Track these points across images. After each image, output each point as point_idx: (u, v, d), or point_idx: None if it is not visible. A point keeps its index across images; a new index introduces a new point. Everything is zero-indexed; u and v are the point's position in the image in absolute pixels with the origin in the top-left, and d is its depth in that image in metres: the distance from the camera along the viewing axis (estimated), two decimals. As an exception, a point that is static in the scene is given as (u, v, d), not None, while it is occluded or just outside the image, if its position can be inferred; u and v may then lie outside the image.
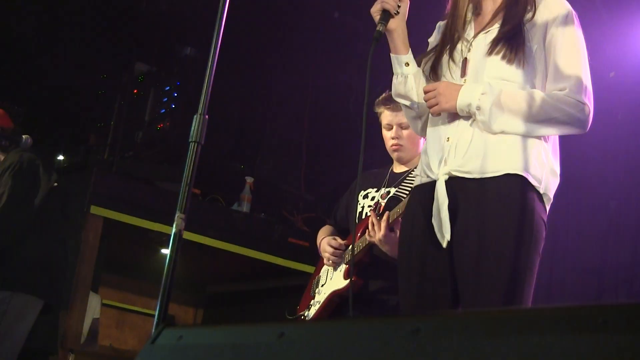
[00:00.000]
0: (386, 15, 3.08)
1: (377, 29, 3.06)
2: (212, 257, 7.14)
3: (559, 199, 3.04)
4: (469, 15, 3.14)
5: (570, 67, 2.90)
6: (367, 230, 4.15)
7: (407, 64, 3.16)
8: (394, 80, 3.22)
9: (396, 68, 3.19)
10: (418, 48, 3.29)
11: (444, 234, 2.88)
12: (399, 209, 3.93)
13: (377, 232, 3.96)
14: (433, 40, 3.27)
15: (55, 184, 4.83)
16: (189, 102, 6.76)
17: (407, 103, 3.21)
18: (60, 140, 7.22)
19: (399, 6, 3.09)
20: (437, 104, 2.98)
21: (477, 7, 3.14)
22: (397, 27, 3.12)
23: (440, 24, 3.26)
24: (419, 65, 3.20)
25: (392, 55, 3.18)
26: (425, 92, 3.03)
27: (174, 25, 7.21)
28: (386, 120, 4.35)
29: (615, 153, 6.63)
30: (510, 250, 2.78)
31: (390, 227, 3.97)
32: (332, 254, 4.36)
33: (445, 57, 3.10)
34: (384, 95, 4.34)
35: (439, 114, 3.02)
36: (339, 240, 4.38)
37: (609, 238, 6.46)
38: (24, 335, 4.67)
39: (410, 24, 3.18)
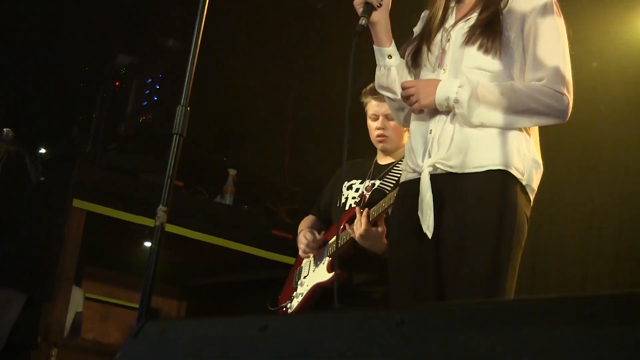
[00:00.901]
0: (369, 7, 3.08)
1: (360, 22, 3.06)
2: (196, 249, 7.12)
3: (541, 191, 3.04)
4: (452, 3, 3.14)
5: (548, 57, 2.90)
6: (351, 222, 4.14)
7: (389, 56, 3.17)
8: (377, 72, 3.23)
9: (379, 60, 3.19)
10: (403, 39, 3.29)
11: (428, 225, 2.88)
12: (384, 203, 3.92)
13: (358, 228, 3.95)
14: (417, 29, 3.27)
15: (42, 178, 4.81)
16: (171, 94, 6.74)
17: (390, 95, 3.22)
18: (42, 133, 7.18)
19: None
20: (416, 101, 2.98)
21: None
22: (380, 19, 3.12)
23: (425, 14, 3.26)
24: (402, 56, 3.20)
25: (375, 47, 3.19)
26: (404, 89, 3.03)
27: (156, 17, 7.18)
28: (372, 111, 4.34)
29: (598, 144, 6.64)
30: (492, 245, 2.80)
31: (372, 223, 3.97)
32: (307, 246, 4.35)
33: (425, 47, 3.10)
34: (371, 85, 4.33)
35: (422, 111, 3.02)
36: (315, 234, 4.38)
37: (592, 229, 6.47)
38: (7, 330, 4.64)
39: (396, 14, 3.17)
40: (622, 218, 6.37)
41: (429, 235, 2.88)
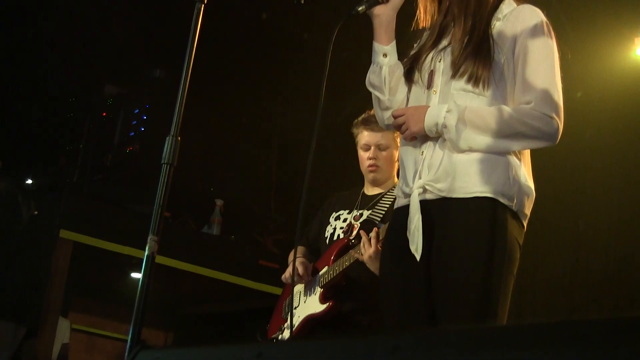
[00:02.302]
0: None
1: (357, 7, 3.05)
2: (182, 279, 7.10)
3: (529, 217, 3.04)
4: (450, 24, 3.12)
5: (537, 79, 2.88)
6: (343, 252, 4.14)
7: (384, 55, 3.15)
8: (370, 68, 3.20)
9: (374, 56, 3.17)
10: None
11: (417, 247, 2.88)
12: (386, 228, 3.93)
13: (368, 249, 3.94)
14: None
15: (36, 212, 4.80)
16: (158, 124, 6.74)
17: (378, 94, 3.20)
18: (29, 163, 7.17)
19: None
20: (407, 129, 2.99)
21: (452, 20, 3.13)
22: (383, 14, 3.11)
23: (426, 32, 3.25)
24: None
25: (373, 43, 3.17)
26: (395, 117, 3.04)
27: (143, 48, 7.19)
28: (364, 140, 4.35)
29: (584, 172, 6.68)
30: (482, 272, 2.78)
31: (380, 244, 3.97)
32: (301, 276, 4.35)
33: (417, 68, 3.10)
34: (363, 115, 4.35)
35: (414, 138, 3.03)
36: (309, 269, 4.38)
37: (579, 256, 6.50)
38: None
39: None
40: (609, 244, 6.40)
41: (417, 257, 2.87)
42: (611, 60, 6.45)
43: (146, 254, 2.55)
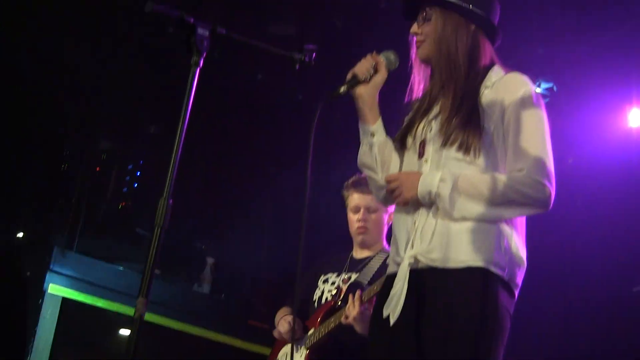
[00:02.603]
0: (354, 80, 3.09)
1: (339, 88, 3.08)
2: (172, 338, 7.05)
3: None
4: (439, 95, 3.15)
5: (528, 147, 2.90)
6: (329, 314, 4.14)
7: (372, 135, 3.17)
8: (360, 149, 3.23)
9: (362, 137, 3.20)
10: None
11: (393, 313, 2.88)
12: (374, 287, 3.93)
13: (352, 311, 3.95)
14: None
15: (28, 274, 4.78)
16: (152, 181, 6.75)
17: (371, 173, 3.22)
18: (20, 217, 7.15)
19: (371, 75, 3.11)
20: (400, 194, 2.99)
21: (439, 91, 3.16)
22: (364, 95, 3.13)
23: (417, 102, 3.28)
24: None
25: (359, 124, 3.19)
26: (388, 182, 3.05)
27: (139, 103, 7.23)
28: (354, 203, 4.38)
29: (575, 240, 6.69)
30: (471, 343, 2.77)
31: (364, 306, 3.97)
32: (287, 331, 4.34)
33: (410, 136, 3.12)
34: (353, 178, 4.38)
35: (406, 204, 3.04)
36: (300, 325, 4.37)
37: (569, 325, 6.50)
38: None
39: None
40: (600, 311, 6.41)
41: (392, 320, 2.87)
42: (603, 129, 6.50)
43: (134, 316, 2.54)
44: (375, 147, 3.16)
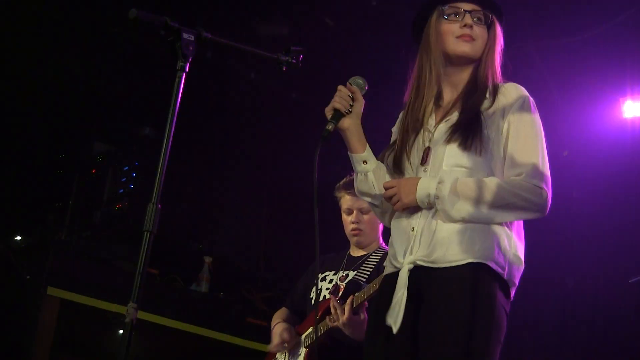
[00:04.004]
0: (338, 114, 3.11)
1: (327, 127, 3.09)
2: (170, 337, 7.06)
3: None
4: (431, 105, 3.18)
5: (526, 153, 2.95)
6: (327, 313, 4.14)
7: (365, 162, 3.19)
8: (355, 179, 3.25)
9: (354, 166, 3.22)
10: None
11: (395, 321, 2.89)
12: (364, 293, 3.94)
13: (341, 316, 3.95)
14: (396, 129, 3.31)
15: (28, 277, 4.80)
16: (147, 182, 6.74)
17: (371, 200, 3.24)
18: (17, 220, 7.16)
19: (351, 105, 3.13)
20: (398, 200, 3.01)
21: (439, 98, 3.19)
22: (350, 126, 3.15)
23: (401, 115, 3.29)
24: (382, 159, 3.23)
25: (349, 154, 3.21)
26: (386, 189, 3.06)
27: (134, 105, 7.23)
28: (346, 205, 4.39)
29: (571, 231, 6.70)
30: (470, 340, 2.78)
31: (354, 311, 3.98)
32: (278, 345, 4.36)
33: (407, 148, 3.13)
34: (345, 180, 4.38)
35: (405, 209, 3.05)
36: (292, 333, 4.38)
37: (566, 320, 6.51)
38: None
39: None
40: (597, 304, 6.41)
41: (394, 329, 2.88)
42: (597, 121, 6.52)
43: (125, 321, 2.55)
44: (371, 174, 3.18)
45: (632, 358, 6.02)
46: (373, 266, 4.27)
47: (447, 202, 2.90)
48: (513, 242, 2.97)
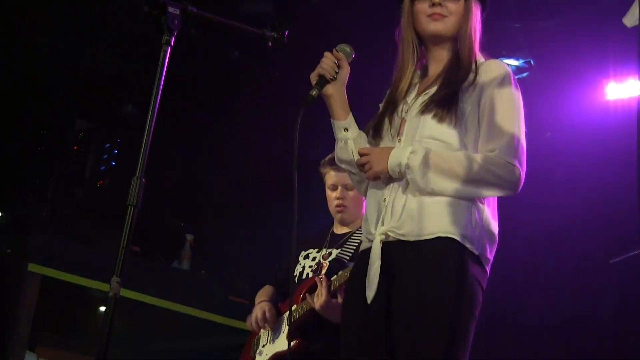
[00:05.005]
0: (322, 80, 3.10)
1: (310, 92, 3.08)
2: (152, 314, 7.07)
3: (497, 259, 3.05)
4: (416, 79, 3.18)
5: (501, 128, 2.92)
6: (312, 291, 4.14)
7: (346, 129, 3.18)
8: (336, 146, 3.24)
9: (336, 133, 3.20)
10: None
11: (370, 291, 2.89)
12: (345, 274, 3.93)
13: (319, 298, 3.95)
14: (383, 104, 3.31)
15: (9, 251, 4.78)
16: (129, 159, 6.72)
17: (350, 168, 3.23)
18: (-1, 197, 7.14)
19: (336, 72, 3.13)
20: (370, 168, 3.01)
21: (423, 72, 3.20)
22: (334, 93, 3.14)
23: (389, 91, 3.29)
24: (366, 131, 3.23)
25: (331, 120, 3.20)
26: (360, 156, 3.07)
27: (115, 82, 7.20)
28: (331, 181, 4.37)
29: (553, 212, 6.73)
30: (441, 314, 2.79)
31: (333, 294, 3.97)
32: (258, 320, 4.36)
33: (387, 118, 3.13)
34: (330, 156, 4.36)
35: (376, 178, 3.05)
36: (273, 313, 4.38)
37: (548, 298, 6.55)
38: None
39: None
40: (579, 283, 6.46)
41: (369, 300, 2.89)
42: (580, 102, 6.55)
43: (109, 295, 2.55)
44: (351, 141, 3.17)
45: (614, 339, 6.05)
46: (357, 244, 4.26)
47: (418, 172, 2.88)
48: (485, 217, 2.95)
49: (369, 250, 3.02)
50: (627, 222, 5.49)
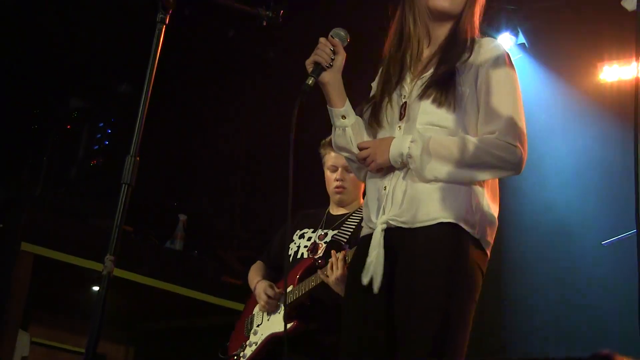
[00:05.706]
0: (318, 67, 3.07)
1: (307, 81, 3.04)
2: (145, 294, 7.06)
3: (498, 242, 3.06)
4: (408, 59, 3.16)
5: (500, 109, 2.91)
6: (308, 272, 4.13)
7: (343, 117, 3.16)
8: (333, 133, 3.22)
9: (333, 120, 3.19)
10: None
11: (374, 280, 2.89)
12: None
13: (335, 272, 3.93)
14: (375, 84, 3.29)
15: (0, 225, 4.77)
16: (123, 138, 6.71)
17: (348, 155, 3.22)
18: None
19: (332, 59, 3.10)
20: (372, 161, 3.00)
21: (418, 52, 3.16)
22: (331, 80, 3.11)
23: (381, 70, 3.26)
24: (360, 112, 3.21)
25: (328, 107, 3.18)
26: (360, 150, 3.05)
27: (110, 61, 7.17)
28: (331, 162, 4.37)
29: (547, 194, 6.75)
30: (442, 299, 2.79)
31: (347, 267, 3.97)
32: (267, 302, 4.34)
33: (385, 102, 3.11)
34: (330, 137, 4.36)
35: (379, 170, 3.04)
36: (276, 289, 4.37)
37: (541, 283, 6.57)
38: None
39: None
40: (573, 267, 6.46)
41: (375, 289, 2.88)
42: (575, 84, 6.55)
43: (103, 273, 2.55)
44: (349, 128, 3.15)
45: (607, 321, 6.06)
46: (354, 226, 4.26)
47: (420, 161, 2.88)
48: (485, 201, 2.96)
49: (368, 236, 3.02)
50: (624, 203, 5.48)
